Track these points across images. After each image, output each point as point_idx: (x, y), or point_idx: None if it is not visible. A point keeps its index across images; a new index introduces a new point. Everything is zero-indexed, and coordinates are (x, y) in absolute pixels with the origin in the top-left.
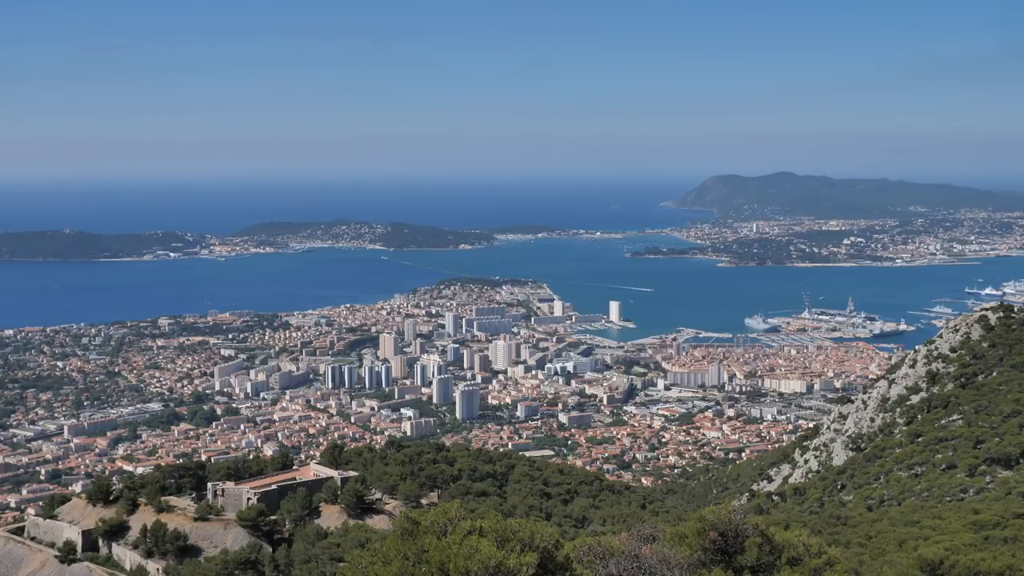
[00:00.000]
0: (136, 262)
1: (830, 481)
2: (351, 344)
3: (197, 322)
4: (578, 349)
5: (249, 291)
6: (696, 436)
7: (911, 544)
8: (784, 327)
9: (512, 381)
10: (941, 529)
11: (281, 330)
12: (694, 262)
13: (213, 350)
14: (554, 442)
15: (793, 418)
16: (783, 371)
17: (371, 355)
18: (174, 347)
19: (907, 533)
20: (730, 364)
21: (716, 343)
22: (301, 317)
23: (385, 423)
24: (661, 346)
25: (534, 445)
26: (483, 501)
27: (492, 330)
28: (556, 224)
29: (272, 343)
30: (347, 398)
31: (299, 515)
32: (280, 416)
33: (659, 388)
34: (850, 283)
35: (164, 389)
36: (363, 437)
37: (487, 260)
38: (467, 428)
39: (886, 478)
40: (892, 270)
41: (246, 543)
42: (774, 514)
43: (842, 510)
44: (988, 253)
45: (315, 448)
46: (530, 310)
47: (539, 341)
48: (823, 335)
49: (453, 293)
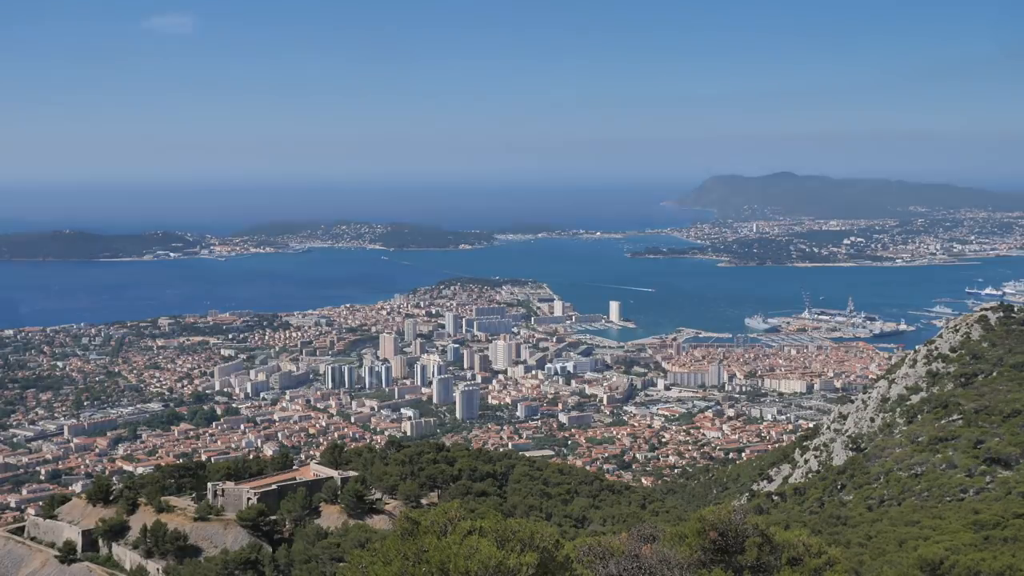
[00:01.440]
0: (136, 262)
1: (830, 481)
2: (351, 344)
3: (197, 322)
4: (578, 349)
5: (249, 291)
6: (696, 436)
7: (911, 544)
8: (784, 327)
9: (512, 381)
10: (941, 529)
11: (281, 330)
12: (694, 262)
13: (213, 350)
14: (554, 442)
15: (793, 418)
16: (783, 371)
17: (371, 355)
18: (174, 347)
19: (907, 533)
20: (730, 364)
21: (716, 343)
22: (301, 317)
23: (385, 423)
24: (661, 346)
25: (534, 445)
26: (483, 501)
27: (492, 330)
28: (556, 224)
29: (272, 343)
30: (347, 398)
31: (299, 515)
32: (280, 416)
33: (659, 388)
34: (850, 283)
35: (164, 389)
36: (363, 437)
37: (487, 260)
38: (467, 428)
39: (886, 478)
40: (892, 270)
41: (246, 543)
42: (774, 514)
43: (842, 510)
44: (988, 253)
45: (315, 448)
46: (530, 310)
47: (539, 341)
48: (823, 335)
49: (453, 293)
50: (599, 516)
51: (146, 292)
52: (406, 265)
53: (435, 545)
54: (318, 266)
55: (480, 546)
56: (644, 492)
